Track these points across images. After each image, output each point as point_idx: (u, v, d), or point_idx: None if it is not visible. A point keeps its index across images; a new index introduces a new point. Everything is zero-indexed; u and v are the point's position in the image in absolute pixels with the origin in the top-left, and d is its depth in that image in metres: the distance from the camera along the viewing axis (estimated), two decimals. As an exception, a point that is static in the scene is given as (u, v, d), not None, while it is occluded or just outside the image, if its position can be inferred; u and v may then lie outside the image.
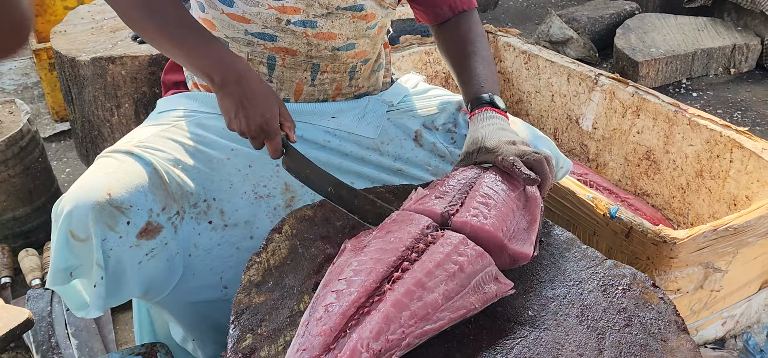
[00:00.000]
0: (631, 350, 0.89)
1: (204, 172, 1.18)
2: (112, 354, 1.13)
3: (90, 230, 1.04)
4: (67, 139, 2.92)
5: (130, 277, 1.10)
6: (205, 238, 1.17)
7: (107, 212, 1.05)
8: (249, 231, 1.21)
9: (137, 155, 1.13)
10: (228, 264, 1.19)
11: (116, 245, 1.07)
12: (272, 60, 1.25)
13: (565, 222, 1.62)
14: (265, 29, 1.22)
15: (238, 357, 0.90)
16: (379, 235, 0.96)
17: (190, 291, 1.17)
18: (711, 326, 1.64)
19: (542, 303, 0.98)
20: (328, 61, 1.28)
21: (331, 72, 1.30)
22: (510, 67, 2.52)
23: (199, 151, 1.20)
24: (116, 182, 1.08)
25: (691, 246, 1.38)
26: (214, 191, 1.19)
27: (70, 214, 1.04)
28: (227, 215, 1.20)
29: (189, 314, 1.20)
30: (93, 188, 1.06)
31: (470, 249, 0.92)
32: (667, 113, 1.96)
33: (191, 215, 1.17)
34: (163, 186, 1.13)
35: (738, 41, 3.41)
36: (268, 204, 1.23)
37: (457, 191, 1.06)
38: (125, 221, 1.07)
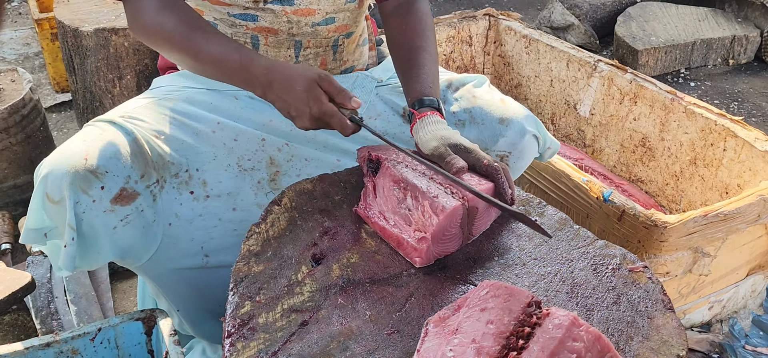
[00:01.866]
0: (619, 327, 0.92)
1: (188, 143, 1.21)
2: (111, 318, 1.16)
3: (64, 193, 1.07)
4: (68, 109, 2.93)
5: (104, 241, 1.13)
6: (186, 208, 1.20)
7: (81, 176, 1.08)
8: (232, 203, 1.23)
9: (119, 125, 1.16)
10: (210, 234, 1.21)
11: (89, 208, 1.09)
12: (256, 40, 1.27)
13: (559, 204, 1.64)
14: (245, 10, 1.24)
15: (237, 323, 0.93)
16: (470, 314, 0.84)
17: (170, 258, 1.19)
18: (698, 310, 1.68)
19: (533, 280, 1.01)
20: (309, 37, 1.29)
21: (314, 47, 1.31)
22: (510, 51, 2.53)
23: (185, 125, 1.22)
24: (94, 148, 1.11)
25: (681, 230, 1.41)
26: (198, 162, 1.21)
27: (46, 177, 1.08)
28: (210, 186, 1.21)
29: (172, 282, 1.23)
30: (71, 153, 1.10)
31: (584, 332, 0.79)
32: (663, 101, 1.98)
33: (172, 184, 1.19)
34: (142, 155, 1.15)
35: (738, 33, 3.42)
36: (253, 178, 1.25)
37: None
38: (99, 185, 1.10)
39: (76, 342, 1.14)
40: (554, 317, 0.81)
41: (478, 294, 0.87)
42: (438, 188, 1.05)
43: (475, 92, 1.37)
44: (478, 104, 1.34)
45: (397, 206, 1.07)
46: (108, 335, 1.16)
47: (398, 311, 0.95)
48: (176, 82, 1.31)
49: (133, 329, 1.17)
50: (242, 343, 0.91)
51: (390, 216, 1.08)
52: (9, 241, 1.95)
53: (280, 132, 1.28)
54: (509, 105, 1.35)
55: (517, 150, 1.33)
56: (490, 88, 1.41)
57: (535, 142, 1.36)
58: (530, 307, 0.83)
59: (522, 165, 1.37)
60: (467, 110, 1.34)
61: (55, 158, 1.10)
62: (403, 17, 1.32)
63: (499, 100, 1.36)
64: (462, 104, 1.34)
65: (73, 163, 1.08)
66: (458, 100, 1.35)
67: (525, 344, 0.78)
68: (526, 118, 1.34)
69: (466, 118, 1.33)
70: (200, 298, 1.25)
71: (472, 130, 1.33)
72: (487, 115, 1.33)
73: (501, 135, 1.32)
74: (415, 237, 1.02)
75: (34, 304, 1.70)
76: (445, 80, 1.38)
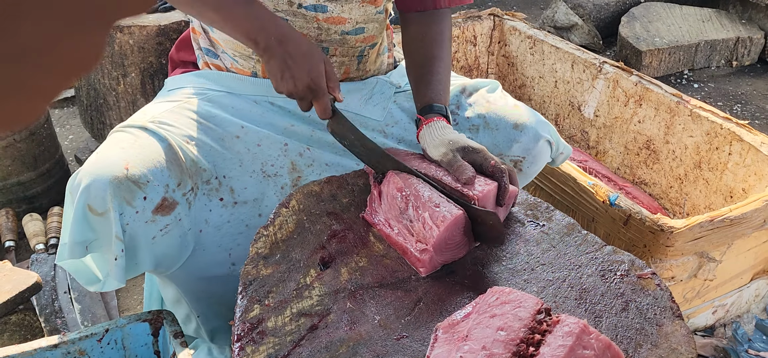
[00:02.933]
0: (627, 334, 0.92)
1: (216, 149, 1.20)
2: (119, 319, 1.16)
3: (108, 203, 1.05)
4: (71, 105, 2.93)
5: (143, 252, 1.11)
6: (216, 214, 1.19)
7: (125, 186, 1.06)
8: (257, 209, 1.23)
9: (152, 130, 1.14)
10: (236, 241, 1.21)
11: (132, 219, 1.08)
12: None
13: (565, 207, 1.64)
14: (276, 12, 1.22)
15: (246, 326, 0.93)
16: (480, 320, 0.84)
17: (199, 266, 1.19)
18: (702, 314, 1.68)
19: (542, 286, 1.01)
20: (336, 45, 1.28)
21: (340, 56, 1.30)
22: (514, 52, 2.53)
23: (211, 129, 1.21)
24: (133, 156, 1.09)
25: (687, 235, 1.41)
26: (225, 168, 1.21)
27: (87, 188, 1.05)
28: (236, 192, 1.21)
29: (196, 290, 1.23)
30: (111, 162, 1.07)
31: (594, 340, 0.78)
32: (669, 104, 1.98)
33: (204, 191, 1.18)
34: (177, 162, 1.14)
35: (742, 34, 3.42)
36: (276, 183, 1.25)
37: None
38: (142, 196, 1.08)
39: (84, 343, 1.14)
40: (564, 324, 0.81)
41: (488, 300, 0.87)
42: (440, 197, 1.05)
43: (489, 98, 1.37)
44: (492, 110, 1.34)
45: (400, 215, 1.07)
46: (115, 336, 1.16)
47: (407, 316, 0.95)
48: (192, 82, 1.30)
49: (140, 330, 1.17)
50: (252, 347, 0.91)
51: (394, 224, 1.08)
52: (13, 238, 1.95)
53: (302, 137, 1.28)
54: (523, 111, 1.36)
55: (531, 155, 1.33)
56: (504, 94, 1.41)
57: (548, 147, 1.36)
58: (540, 314, 0.83)
59: (535, 170, 1.38)
60: (481, 116, 1.34)
61: (95, 168, 1.06)
62: (425, 26, 1.32)
63: (513, 106, 1.36)
64: (476, 110, 1.35)
65: (115, 172, 1.05)
66: (472, 105, 1.36)
67: (535, 352, 0.79)
68: (540, 123, 1.34)
69: (480, 123, 1.34)
70: (222, 306, 1.25)
71: (487, 136, 1.33)
72: (501, 120, 1.33)
73: (515, 141, 1.32)
74: (417, 248, 1.02)
75: (39, 302, 1.70)
76: (459, 85, 1.39)
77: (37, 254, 1.87)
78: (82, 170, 1.08)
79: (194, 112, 1.22)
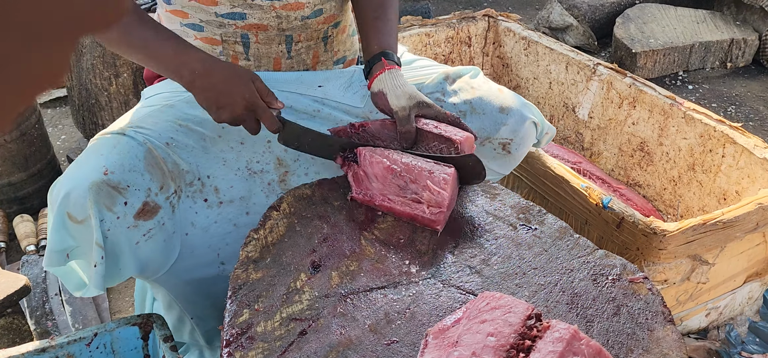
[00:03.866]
0: (619, 339, 0.92)
1: (197, 150, 1.19)
2: (108, 323, 1.15)
3: (88, 210, 1.04)
4: (63, 105, 2.91)
5: (127, 257, 1.11)
6: (201, 216, 1.19)
7: (105, 192, 1.06)
8: (245, 207, 1.22)
9: (131, 136, 1.14)
10: (225, 241, 1.20)
11: (113, 225, 1.07)
12: (246, 38, 1.26)
13: (558, 210, 1.64)
14: (233, 8, 1.22)
15: (235, 331, 0.92)
16: (470, 326, 0.84)
17: (187, 269, 1.18)
18: (695, 316, 1.68)
19: (533, 290, 1.00)
20: (299, 31, 1.28)
21: (305, 41, 1.31)
22: (509, 53, 2.53)
23: (191, 130, 1.21)
24: (112, 162, 1.08)
25: (680, 238, 1.41)
26: (208, 168, 1.20)
27: (67, 196, 1.04)
28: (222, 192, 1.21)
29: (187, 292, 1.22)
30: (89, 168, 1.07)
31: (585, 346, 0.78)
32: (663, 106, 1.98)
33: (187, 193, 1.18)
34: (158, 166, 1.13)
35: (736, 36, 3.42)
36: (263, 179, 1.24)
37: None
38: (123, 201, 1.08)
39: (72, 347, 1.13)
40: (555, 330, 0.80)
41: (478, 306, 0.86)
42: (425, 161, 1.15)
43: (473, 83, 1.38)
44: (477, 95, 1.35)
45: (401, 190, 1.14)
46: (104, 340, 1.15)
47: (398, 321, 0.95)
48: (169, 88, 1.30)
49: (130, 334, 1.16)
50: (240, 352, 0.90)
51: (395, 198, 1.15)
52: (3, 240, 1.94)
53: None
54: (507, 94, 1.37)
55: (518, 137, 1.35)
56: (486, 80, 1.42)
57: (534, 128, 1.38)
58: (530, 319, 0.83)
59: (522, 152, 1.39)
60: (467, 102, 1.34)
61: (73, 175, 1.06)
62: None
63: (496, 90, 1.38)
64: (462, 96, 1.35)
65: (94, 178, 1.05)
66: (457, 92, 1.36)
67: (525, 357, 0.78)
68: (524, 105, 1.36)
69: (467, 109, 1.34)
70: (215, 308, 1.24)
71: (474, 121, 1.34)
72: (487, 105, 1.34)
73: (502, 124, 1.33)
74: (431, 212, 1.12)
75: (29, 304, 1.69)
76: (442, 73, 1.39)
77: (28, 255, 1.86)
78: (60, 179, 1.07)
79: (173, 115, 1.22)
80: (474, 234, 1.11)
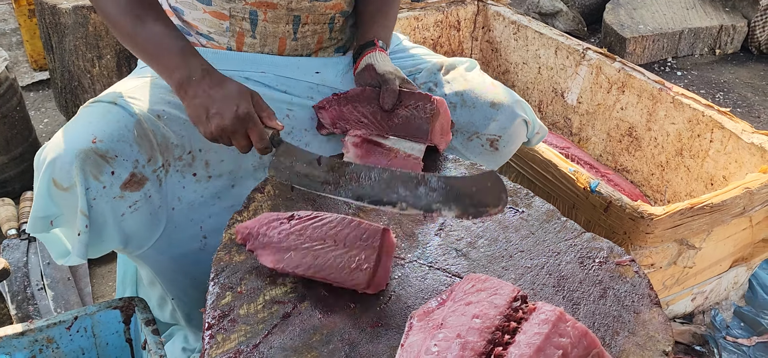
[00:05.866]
0: (605, 321, 0.91)
1: (188, 124, 1.17)
2: (88, 306, 1.13)
3: (74, 178, 1.03)
4: (46, 88, 2.86)
5: (111, 229, 1.09)
6: (189, 191, 1.17)
7: (92, 160, 1.04)
8: (231, 180, 1.21)
9: (122, 105, 1.11)
10: (207, 213, 1.19)
11: (99, 194, 1.05)
12: (254, 15, 1.24)
13: (545, 194, 1.63)
14: None
15: (217, 314, 0.91)
16: (455, 308, 0.82)
17: (171, 244, 1.17)
18: (681, 301, 1.69)
19: (520, 273, 0.99)
20: (307, 13, 1.27)
21: (312, 23, 1.29)
22: (498, 37, 2.51)
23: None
24: (101, 130, 1.06)
25: (667, 222, 1.41)
26: (200, 141, 1.18)
27: (53, 162, 1.03)
28: (212, 165, 1.19)
29: (169, 270, 1.20)
30: (77, 135, 1.04)
31: (570, 327, 0.77)
32: (651, 91, 1.98)
33: (176, 167, 1.16)
34: (148, 137, 1.11)
35: (725, 22, 3.43)
36: (253, 153, 1.22)
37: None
38: (110, 170, 1.06)
39: (52, 330, 1.11)
40: (541, 312, 0.79)
41: (463, 288, 0.85)
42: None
43: (467, 76, 1.36)
44: (469, 88, 1.33)
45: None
46: (84, 324, 1.13)
47: (383, 304, 0.93)
48: None
49: (111, 318, 1.14)
50: (222, 335, 0.88)
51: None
52: (-16, 223, 1.91)
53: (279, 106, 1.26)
54: (500, 90, 1.35)
55: (507, 134, 1.33)
56: (481, 73, 1.41)
57: (524, 126, 1.36)
58: (516, 301, 0.82)
59: (511, 149, 1.37)
60: (459, 93, 1.33)
61: (61, 141, 1.04)
62: None
63: (490, 85, 1.36)
64: (454, 87, 1.33)
65: (81, 146, 1.03)
66: (450, 82, 1.35)
67: (511, 340, 0.77)
68: (516, 103, 1.34)
69: (457, 101, 1.33)
70: (195, 287, 1.23)
71: (464, 113, 1.32)
72: (478, 98, 1.32)
73: (492, 119, 1.32)
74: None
75: (10, 288, 1.66)
76: (437, 63, 1.38)
77: (10, 239, 1.83)
78: (48, 144, 1.05)
79: (165, 88, 1.19)
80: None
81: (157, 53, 1.11)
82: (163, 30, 1.11)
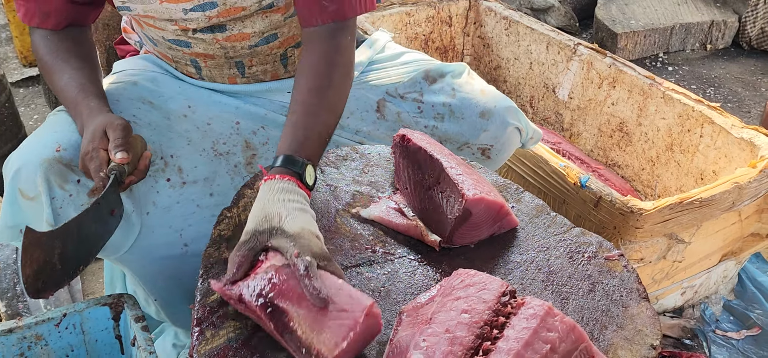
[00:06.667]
0: (593, 316, 0.92)
1: (161, 128, 1.17)
2: (78, 303, 1.13)
3: (39, 188, 1.03)
4: (36, 85, 2.84)
5: None
6: (163, 196, 1.16)
7: (56, 169, 1.03)
8: (209, 188, 1.19)
9: None
10: (188, 222, 1.18)
11: (66, 203, 1.05)
12: (195, 63, 1.23)
13: (536, 189, 1.64)
14: (178, 37, 1.19)
15: (207, 309, 0.91)
16: (444, 303, 0.82)
17: (149, 249, 1.16)
18: (671, 295, 1.70)
19: (509, 268, 0.99)
20: (249, 58, 1.23)
21: (259, 64, 1.25)
22: (490, 33, 2.51)
23: (155, 108, 1.18)
24: (66, 139, 1.06)
25: (656, 217, 1.41)
26: (172, 147, 1.17)
27: (18, 171, 1.03)
28: (185, 172, 1.18)
29: (150, 273, 1.19)
30: (42, 144, 1.05)
31: (559, 322, 0.77)
32: (642, 86, 1.98)
33: (149, 172, 1.15)
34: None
35: (716, 17, 3.44)
36: (229, 162, 1.21)
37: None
38: (75, 179, 1.06)
39: (40, 328, 1.10)
40: (529, 306, 0.80)
41: (452, 283, 0.85)
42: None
43: (455, 84, 1.32)
44: (458, 97, 1.29)
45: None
46: (73, 321, 1.12)
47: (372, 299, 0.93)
48: (138, 65, 1.26)
49: (100, 315, 1.13)
50: (211, 331, 0.88)
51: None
52: (-27, 220, 1.89)
53: (254, 116, 1.24)
54: (490, 96, 1.31)
55: (499, 143, 1.31)
56: (470, 77, 1.36)
57: (517, 133, 1.34)
58: (505, 296, 0.82)
59: (504, 157, 1.35)
60: (446, 105, 1.29)
61: (25, 151, 1.04)
62: (312, 46, 1.09)
63: (479, 92, 1.31)
64: (442, 98, 1.30)
65: (46, 155, 1.03)
66: (437, 92, 1.30)
67: (499, 334, 0.77)
68: (508, 110, 1.30)
69: (445, 112, 1.29)
70: (179, 288, 1.22)
71: (453, 125, 1.29)
72: (467, 109, 1.29)
73: (483, 130, 1.29)
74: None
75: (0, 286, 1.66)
76: (422, 70, 1.32)
77: (-1, 236, 1.82)
78: (14, 154, 1.06)
79: (137, 92, 1.19)
80: (450, 212, 1.10)
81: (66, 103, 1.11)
82: (62, 84, 1.11)
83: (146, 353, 1.04)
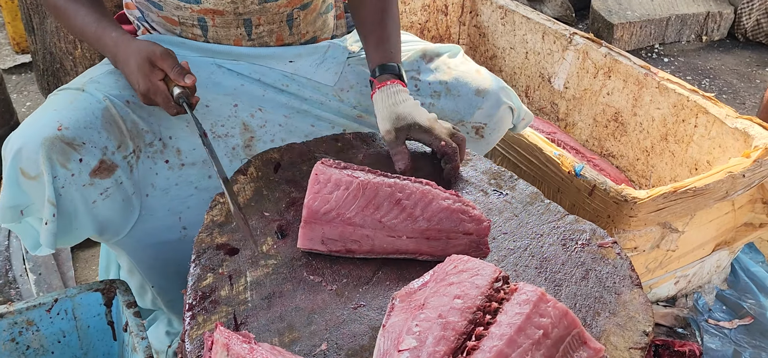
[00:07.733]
0: (586, 302, 0.92)
1: (159, 110, 1.16)
2: (69, 289, 1.12)
3: (41, 166, 1.02)
4: (28, 71, 2.82)
5: (83, 217, 1.08)
6: (161, 177, 1.16)
7: (58, 148, 1.03)
8: (207, 171, 1.19)
9: (90, 92, 1.10)
10: (186, 204, 1.17)
11: (68, 182, 1.04)
12: (203, 21, 1.22)
13: (530, 178, 1.63)
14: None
15: (199, 295, 0.90)
16: (437, 289, 0.82)
17: (148, 232, 1.15)
18: (664, 284, 1.70)
19: (503, 254, 0.99)
20: (258, 14, 1.22)
21: (266, 24, 1.25)
22: (486, 22, 2.50)
23: None
24: (67, 117, 1.05)
25: (650, 206, 1.41)
26: (170, 129, 1.17)
27: (19, 151, 1.02)
28: (184, 154, 1.18)
29: (148, 258, 1.19)
30: (43, 123, 1.04)
31: (551, 308, 0.77)
32: (637, 76, 1.98)
33: (147, 154, 1.15)
34: (116, 124, 1.10)
35: (712, 9, 3.44)
36: (227, 144, 1.21)
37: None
38: (77, 158, 1.05)
39: (32, 313, 1.10)
40: (522, 292, 0.79)
41: (445, 268, 0.85)
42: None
43: (451, 63, 1.34)
44: (454, 76, 1.32)
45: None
46: (65, 306, 1.12)
47: (365, 285, 0.93)
48: None
49: (92, 300, 1.13)
50: (203, 316, 0.88)
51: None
52: (-35, 207, 1.88)
53: (252, 97, 1.24)
54: (485, 76, 1.34)
55: (492, 121, 1.32)
56: (465, 59, 1.39)
57: (510, 113, 1.35)
58: (498, 282, 0.82)
59: (497, 136, 1.37)
60: (443, 82, 1.31)
61: (27, 130, 1.03)
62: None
63: (474, 72, 1.34)
64: (438, 76, 1.32)
65: (47, 134, 1.02)
66: (434, 71, 1.33)
67: (492, 320, 0.77)
68: (502, 89, 1.33)
69: (442, 89, 1.31)
70: (176, 274, 1.22)
71: (449, 102, 1.30)
72: (463, 86, 1.31)
73: (477, 107, 1.31)
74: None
75: (-8, 272, 1.65)
76: (420, 50, 1.35)
77: (-9, 223, 1.81)
78: (14, 133, 1.04)
79: None
80: (444, 199, 1.10)
81: (91, 44, 1.17)
82: (82, 20, 1.14)
83: (138, 339, 1.04)
